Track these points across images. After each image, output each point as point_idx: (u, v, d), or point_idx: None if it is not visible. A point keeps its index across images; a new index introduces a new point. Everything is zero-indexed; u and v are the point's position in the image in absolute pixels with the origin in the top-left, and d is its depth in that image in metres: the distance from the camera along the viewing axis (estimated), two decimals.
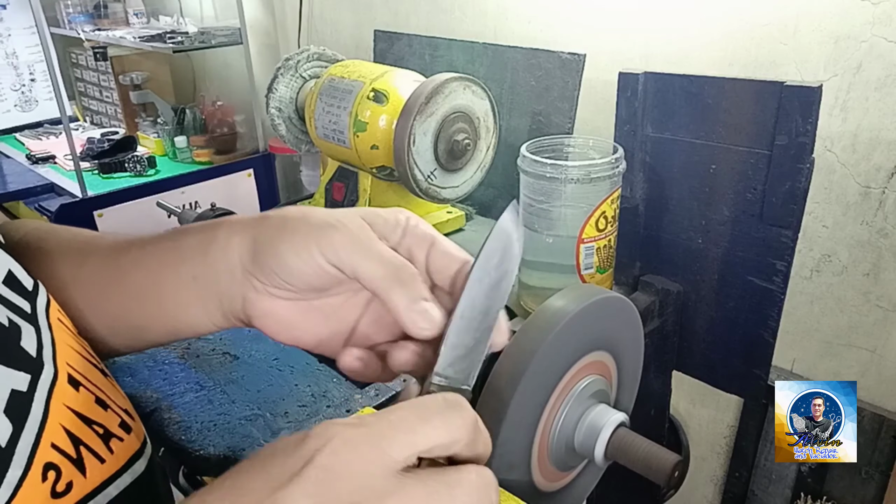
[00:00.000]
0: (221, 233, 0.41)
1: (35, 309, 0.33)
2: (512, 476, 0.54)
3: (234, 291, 0.40)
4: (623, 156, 0.79)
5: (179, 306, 0.42)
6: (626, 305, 0.62)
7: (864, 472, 1.09)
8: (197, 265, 0.41)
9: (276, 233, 0.39)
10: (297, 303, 0.41)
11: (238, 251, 0.39)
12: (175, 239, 0.43)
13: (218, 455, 0.62)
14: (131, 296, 0.42)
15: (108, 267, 0.44)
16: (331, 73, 1.02)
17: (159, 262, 0.42)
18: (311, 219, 0.38)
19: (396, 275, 0.37)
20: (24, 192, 1.86)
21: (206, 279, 0.40)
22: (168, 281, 0.41)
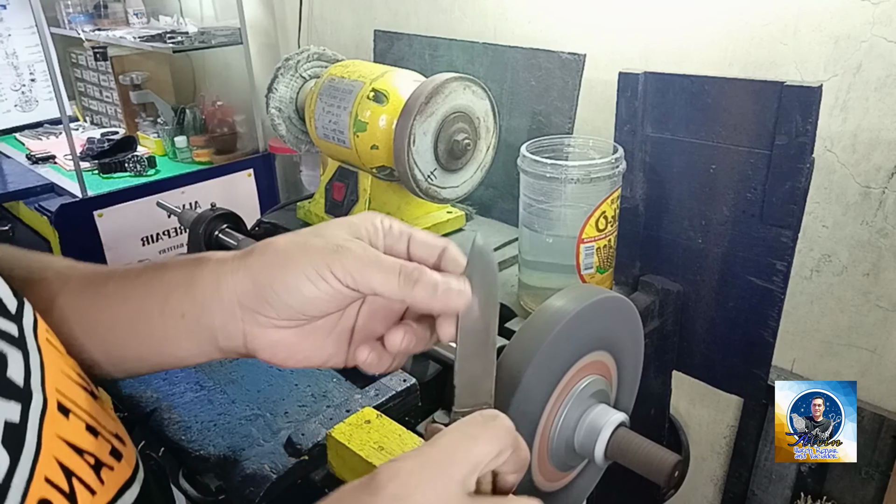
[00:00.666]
0: (207, 273, 0.41)
1: (22, 330, 0.32)
2: None
3: (232, 328, 0.41)
4: (623, 156, 0.79)
5: (168, 342, 0.42)
6: (626, 305, 0.62)
7: (864, 472, 1.09)
8: (184, 303, 0.41)
9: (280, 268, 0.39)
10: (303, 327, 0.42)
11: (233, 291, 0.40)
12: (157, 275, 0.43)
13: (218, 455, 0.63)
14: (117, 329, 0.43)
15: (89, 296, 0.43)
16: (331, 73, 1.02)
17: (143, 297, 0.42)
18: (310, 247, 0.39)
19: (409, 277, 0.39)
20: (24, 192, 1.86)
21: (196, 318, 0.41)
22: (154, 317, 0.42)
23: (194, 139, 2.07)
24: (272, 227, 1.11)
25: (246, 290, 0.40)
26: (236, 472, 0.60)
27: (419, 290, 0.39)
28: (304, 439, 0.61)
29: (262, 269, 0.40)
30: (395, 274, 0.39)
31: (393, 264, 0.39)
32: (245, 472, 0.60)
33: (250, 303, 0.40)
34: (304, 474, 0.61)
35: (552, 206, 0.78)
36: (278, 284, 0.39)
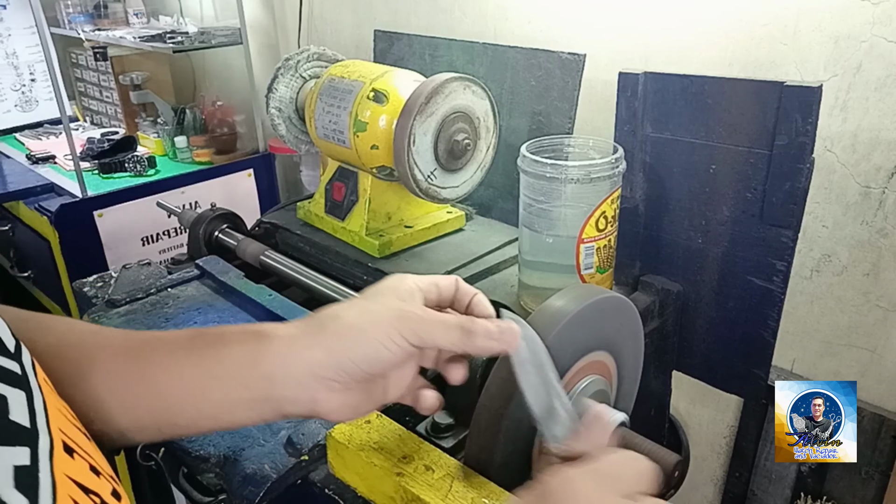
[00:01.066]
0: (276, 350, 0.45)
1: (24, 369, 0.31)
2: (512, 476, 0.54)
3: (302, 397, 0.45)
4: (623, 156, 0.79)
5: (223, 411, 0.45)
6: (626, 305, 0.62)
7: (864, 472, 1.09)
8: (249, 377, 0.45)
9: (355, 340, 0.45)
10: (368, 384, 0.48)
11: (308, 364, 0.45)
12: (212, 348, 0.46)
13: (218, 455, 0.63)
14: (168, 399, 0.45)
15: (131, 366, 0.45)
16: (331, 73, 1.02)
17: (198, 369, 0.45)
18: (378, 316, 0.45)
19: (466, 329, 0.46)
20: (24, 192, 1.86)
21: (264, 390, 0.45)
22: (212, 389, 0.45)
23: (194, 139, 2.07)
24: (272, 226, 1.11)
25: (322, 362, 0.44)
26: (236, 472, 0.60)
27: (477, 339, 0.46)
28: (304, 439, 0.61)
29: (338, 342, 0.45)
30: (457, 329, 0.46)
31: (453, 321, 0.46)
32: (245, 472, 0.60)
33: (325, 373, 0.45)
34: (304, 474, 0.61)
35: (552, 206, 0.78)
36: (356, 355, 0.44)
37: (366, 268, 0.97)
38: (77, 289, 0.97)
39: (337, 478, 0.59)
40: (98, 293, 0.94)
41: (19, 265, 2.06)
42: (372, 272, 0.96)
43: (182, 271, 0.96)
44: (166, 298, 0.90)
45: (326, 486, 0.59)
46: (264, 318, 0.84)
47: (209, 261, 0.97)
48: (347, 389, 0.46)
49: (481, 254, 0.99)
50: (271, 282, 0.95)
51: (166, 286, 0.92)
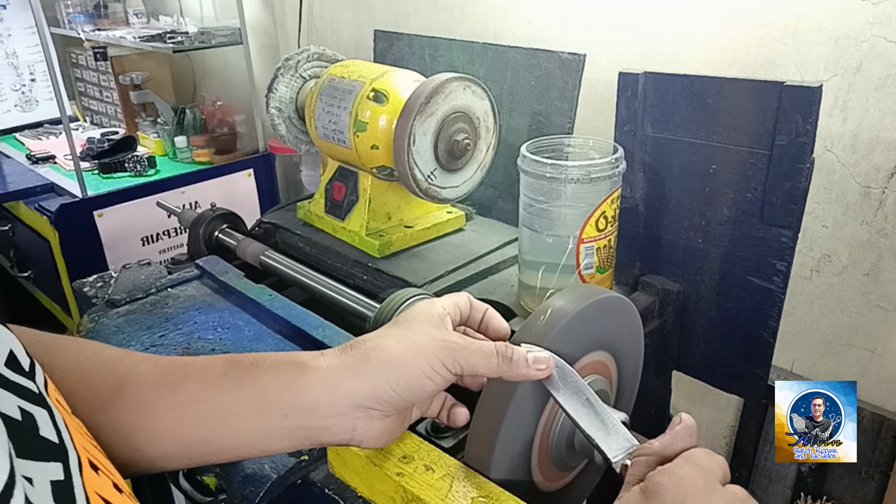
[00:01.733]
0: (317, 380, 0.46)
1: (39, 388, 0.32)
2: (512, 476, 0.54)
3: (342, 426, 0.46)
4: (623, 156, 0.79)
5: (258, 439, 0.46)
6: (626, 305, 0.62)
7: (864, 472, 1.09)
8: (288, 407, 0.45)
9: (399, 372, 0.46)
10: (405, 410, 0.50)
11: (350, 394, 0.45)
12: (249, 377, 0.46)
13: None
14: (201, 427, 0.45)
15: (157, 396, 0.45)
16: (331, 73, 1.02)
17: (235, 397, 0.45)
18: (420, 347, 0.46)
19: (507, 357, 0.48)
20: (24, 192, 1.86)
21: (302, 419, 0.46)
22: (247, 416, 0.45)
23: (194, 139, 2.07)
24: (272, 226, 1.11)
25: (365, 393, 0.45)
26: (236, 472, 0.60)
27: (515, 365, 0.48)
28: None
29: (383, 374, 0.46)
30: (495, 356, 0.48)
31: (491, 348, 0.48)
32: (245, 472, 0.60)
33: (366, 402, 0.46)
34: (304, 474, 0.61)
35: (552, 206, 0.78)
36: (401, 386, 0.46)
37: (366, 268, 0.97)
38: (77, 289, 0.97)
39: (337, 478, 0.59)
40: (98, 293, 0.94)
41: (19, 265, 2.06)
42: (372, 272, 0.96)
43: (182, 271, 0.96)
44: (166, 298, 0.89)
45: (326, 486, 0.59)
46: (264, 318, 0.84)
47: (209, 261, 0.97)
48: (386, 417, 0.48)
49: (481, 254, 0.99)
50: (271, 282, 0.95)
51: (166, 286, 0.92)
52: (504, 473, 0.54)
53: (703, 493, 0.39)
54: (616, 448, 0.46)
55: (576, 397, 0.49)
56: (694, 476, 0.41)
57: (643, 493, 0.41)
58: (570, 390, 0.49)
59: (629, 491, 0.42)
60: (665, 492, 0.40)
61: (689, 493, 0.39)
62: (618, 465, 0.46)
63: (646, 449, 0.45)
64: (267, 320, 0.83)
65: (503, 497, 0.51)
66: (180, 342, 0.79)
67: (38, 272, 1.99)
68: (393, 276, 0.93)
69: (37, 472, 0.27)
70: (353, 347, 0.48)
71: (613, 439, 0.47)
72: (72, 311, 1.87)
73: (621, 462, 0.46)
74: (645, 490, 0.41)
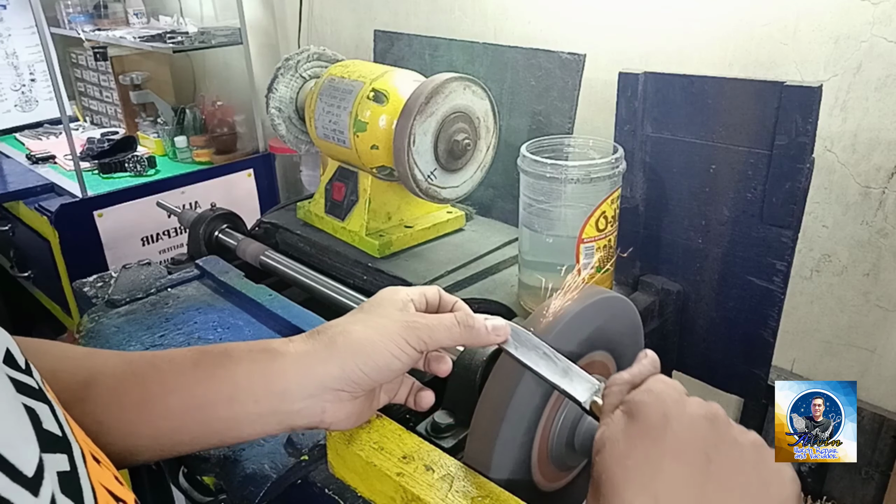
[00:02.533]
0: (289, 365, 0.47)
1: (38, 383, 0.32)
2: (512, 476, 0.54)
3: (313, 409, 0.48)
4: (623, 156, 0.79)
5: (229, 427, 0.47)
6: (626, 305, 0.62)
7: (864, 472, 1.09)
8: (259, 392, 0.47)
9: (367, 353, 0.48)
10: (371, 392, 0.52)
11: (321, 377, 0.47)
12: (221, 366, 0.47)
13: (218, 455, 0.62)
14: (174, 418, 0.46)
15: (127, 389, 0.46)
16: (331, 73, 1.02)
17: (207, 387, 0.46)
18: (385, 329, 0.48)
19: (468, 325, 0.50)
20: (24, 192, 1.86)
21: (272, 404, 0.47)
22: (220, 405, 0.46)
23: (194, 139, 2.07)
24: (272, 226, 1.11)
25: (334, 375, 0.47)
26: (236, 472, 0.60)
27: (476, 333, 0.50)
28: (304, 439, 0.61)
29: (350, 356, 0.47)
30: (456, 326, 0.50)
31: (451, 319, 0.50)
32: (245, 472, 0.60)
33: (336, 385, 0.47)
34: (304, 474, 0.61)
35: (552, 206, 0.78)
36: (368, 367, 0.47)
37: (366, 268, 0.97)
38: (77, 289, 0.97)
39: (337, 478, 0.59)
40: (98, 293, 0.94)
41: (19, 265, 2.06)
42: (372, 272, 0.96)
43: (182, 271, 0.96)
44: (166, 298, 0.89)
45: (326, 486, 0.59)
46: (264, 318, 0.84)
47: (209, 261, 0.97)
48: (355, 399, 0.49)
49: (481, 254, 0.99)
50: (271, 282, 0.95)
51: (166, 286, 0.92)
52: (504, 473, 0.54)
53: (679, 402, 0.43)
54: (582, 390, 0.49)
55: (534, 353, 0.51)
56: (668, 389, 0.44)
57: (626, 414, 0.44)
58: (527, 348, 0.51)
59: (611, 415, 0.44)
60: (646, 406, 0.43)
61: (667, 403, 0.42)
62: (587, 403, 0.49)
63: (617, 380, 0.47)
64: (267, 320, 0.83)
65: (503, 497, 0.51)
66: (180, 342, 0.79)
67: (38, 272, 1.99)
68: (393, 276, 0.93)
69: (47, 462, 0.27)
70: (320, 333, 0.50)
71: (578, 383, 0.50)
72: (72, 311, 1.87)
73: (590, 400, 0.49)
74: (627, 411, 0.44)
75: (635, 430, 0.42)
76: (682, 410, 0.42)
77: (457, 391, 0.65)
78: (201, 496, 0.64)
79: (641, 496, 0.39)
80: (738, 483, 0.39)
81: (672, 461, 0.40)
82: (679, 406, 0.43)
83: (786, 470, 0.41)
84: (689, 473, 0.39)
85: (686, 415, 0.42)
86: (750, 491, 0.39)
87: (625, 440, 0.42)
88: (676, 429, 0.41)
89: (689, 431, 0.41)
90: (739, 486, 0.39)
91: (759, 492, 0.39)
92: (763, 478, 0.40)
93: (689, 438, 0.41)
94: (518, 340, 0.51)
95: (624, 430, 0.43)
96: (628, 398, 0.44)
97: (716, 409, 0.43)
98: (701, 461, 0.40)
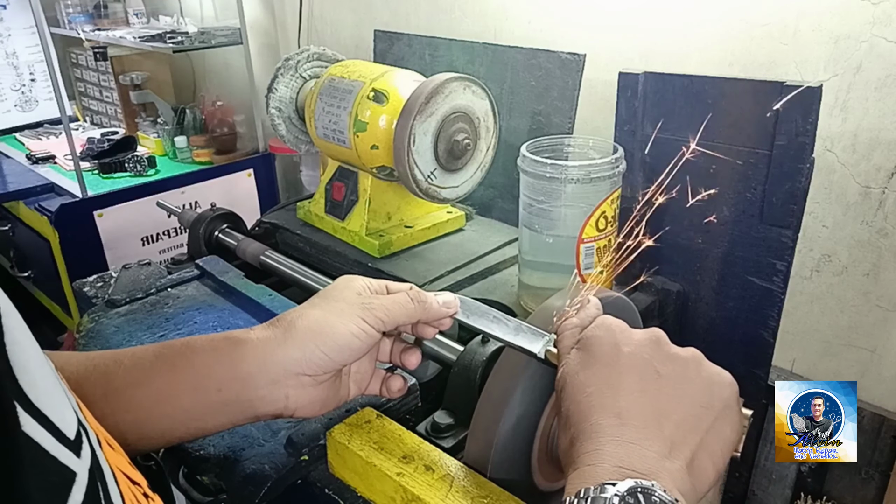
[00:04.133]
0: (250, 351, 0.48)
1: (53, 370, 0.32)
2: (512, 476, 0.54)
3: (276, 394, 0.48)
4: (623, 156, 0.79)
5: (193, 417, 0.47)
6: (627, 305, 0.62)
7: (864, 472, 1.09)
8: (222, 380, 0.47)
9: (326, 334, 0.48)
10: (335, 379, 0.52)
11: (282, 361, 0.47)
12: (182, 356, 0.48)
13: (218, 455, 0.62)
14: (137, 411, 0.46)
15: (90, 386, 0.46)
16: (331, 73, 1.02)
17: (169, 378, 0.47)
18: (343, 311, 0.49)
19: (420, 300, 0.52)
20: (24, 192, 1.86)
21: (236, 391, 0.47)
22: (182, 395, 0.47)
23: (194, 139, 2.07)
24: (272, 226, 1.11)
25: (294, 358, 0.47)
26: (236, 472, 0.60)
27: (429, 308, 0.52)
28: (304, 439, 0.61)
29: (310, 337, 0.48)
30: (410, 301, 0.51)
31: (405, 297, 0.52)
32: (245, 472, 0.60)
33: (297, 368, 0.48)
34: (304, 474, 0.61)
35: (552, 206, 0.78)
36: (329, 347, 0.48)
37: (366, 268, 0.97)
38: (77, 289, 0.97)
39: (337, 478, 0.59)
40: (98, 293, 0.94)
41: (19, 265, 2.06)
42: (372, 272, 0.96)
43: (182, 271, 0.96)
44: (166, 298, 0.89)
45: (326, 486, 0.59)
46: (265, 318, 0.84)
47: (209, 261, 0.97)
48: (318, 384, 0.50)
49: (481, 254, 0.99)
50: (271, 282, 0.95)
51: (166, 286, 0.92)
52: (504, 473, 0.54)
53: (626, 332, 0.47)
54: (535, 343, 0.52)
55: (485, 318, 0.54)
56: (616, 322, 0.49)
57: (581, 349, 0.48)
58: (478, 315, 0.55)
59: (568, 355, 0.48)
60: (599, 339, 0.47)
61: (616, 333, 0.47)
62: (541, 353, 0.51)
63: (567, 325, 0.51)
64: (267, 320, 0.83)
65: (503, 497, 0.51)
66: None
67: (38, 272, 1.99)
68: (393, 276, 0.93)
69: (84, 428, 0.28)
70: (279, 320, 0.51)
71: (529, 338, 0.52)
72: (72, 311, 1.87)
73: (544, 350, 0.51)
74: (581, 347, 0.48)
75: (592, 360, 0.46)
76: (630, 337, 0.47)
77: (457, 391, 0.65)
78: (201, 496, 0.64)
79: (607, 415, 0.42)
80: (685, 391, 0.44)
81: (628, 379, 0.44)
82: (626, 334, 0.47)
83: (724, 374, 0.46)
84: (644, 388, 0.44)
85: (633, 340, 0.46)
86: (696, 396, 0.44)
87: (583, 371, 0.46)
88: (626, 352, 0.45)
89: (639, 352, 0.46)
90: (687, 393, 0.44)
91: (703, 395, 0.44)
92: (705, 382, 0.45)
93: (639, 358, 0.45)
94: (468, 310, 0.55)
95: (581, 363, 0.47)
96: (581, 336, 0.48)
97: (658, 331, 0.48)
98: (652, 375, 0.44)
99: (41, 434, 0.22)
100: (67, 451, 0.24)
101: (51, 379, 0.26)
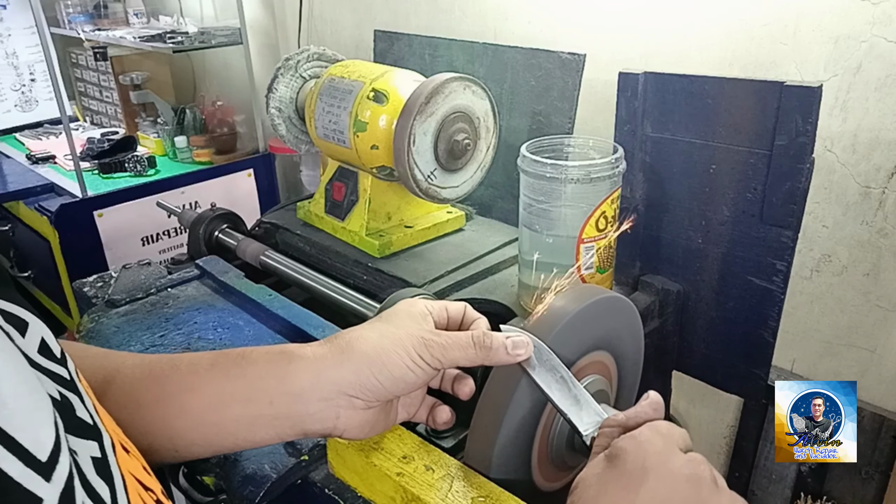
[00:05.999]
0: (304, 368, 0.47)
1: (71, 374, 0.32)
2: (512, 476, 0.54)
3: (327, 413, 0.47)
4: (623, 156, 0.79)
5: (243, 428, 0.47)
6: (626, 305, 0.62)
7: (864, 472, 1.09)
8: (274, 393, 0.47)
9: (381, 363, 0.47)
10: (387, 404, 0.51)
11: (336, 382, 0.47)
12: (237, 367, 0.48)
13: (218, 455, 0.62)
14: (188, 417, 0.46)
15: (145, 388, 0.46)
16: (331, 73, 1.02)
17: (222, 387, 0.47)
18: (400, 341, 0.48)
19: (485, 346, 0.49)
20: (24, 192, 1.86)
21: (287, 405, 0.47)
22: (234, 405, 0.46)
23: (194, 139, 2.07)
24: (272, 226, 1.11)
25: (349, 381, 0.47)
26: (236, 472, 0.60)
27: (494, 353, 0.49)
28: (304, 439, 0.61)
29: (365, 363, 0.47)
30: (472, 346, 0.49)
31: (467, 339, 0.49)
32: (245, 472, 0.60)
33: (351, 391, 0.47)
34: (304, 474, 0.61)
35: (552, 206, 0.78)
36: (382, 375, 0.47)
37: (366, 268, 0.97)
38: (77, 289, 0.97)
39: (337, 478, 0.59)
40: (98, 293, 0.94)
41: (19, 265, 2.07)
42: (372, 272, 0.96)
43: (182, 271, 0.96)
44: (166, 298, 0.89)
45: (326, 486, 0.59)
46: (264, 318, 0.84)
47: (209, 261, 0.97)
48: (369, 408, 0.49)
49: (481, 254, 0.99)
50: (271, 282, 0.95)
51: (166, 286, 0.92)
52: (504, 473, 0.54)
53: (661, 455, 0.40)
54: (587, 422, 0.49)
55: (550, 375, 0.50)
56: (653, 439, 0.42)
57: (607, 458, 0.43)
58: (545, 368, 0.50)
59: (594, 459, 0.44)
60: (626, 454, 0.41)
61: (649, 455, 0.41)
62: (588, 437, 0.48)
63: (610, 421, 0.47)
64: (267, 320, 0.83)
65: (503, 497, 0.51)
66: (180, 342, 0.79)
67: (38, 272, 1.99)
68: (393, 276, 0.93)
69: (79, 447, 0.28)
70: (337, 338, 0.49)
71: (586, 414, 0.49)
72: (72, 311, 1.87)
73: (591, 435, 0.48)
74: (609, 455, 0.43)
75: (610, 477, 0.41)
76: (664, 465, 0.40)
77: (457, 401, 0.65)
78: (201, 496, 0.64)
79: None
80: None
81: None
82: (661, 459, 0.40)
83: None
84: None
85: (667, 471, 0.40)
86: None
87: (597, 485, 0.41)
88: (653, 485, 0.39)
89: (668, 491, 0.39)
90: None
91: None
92: None
93: (665, 498, 0.38)
94: (539, 359, 0.50)
95: (600, 474, 0.42)
96: (615, 441, 0.43)
97: (702, 470, 0.40)
98: None
99: (8, 460, 0.22)
100: (36, 476, 0.23)
101: (27, 398, 0.25)
